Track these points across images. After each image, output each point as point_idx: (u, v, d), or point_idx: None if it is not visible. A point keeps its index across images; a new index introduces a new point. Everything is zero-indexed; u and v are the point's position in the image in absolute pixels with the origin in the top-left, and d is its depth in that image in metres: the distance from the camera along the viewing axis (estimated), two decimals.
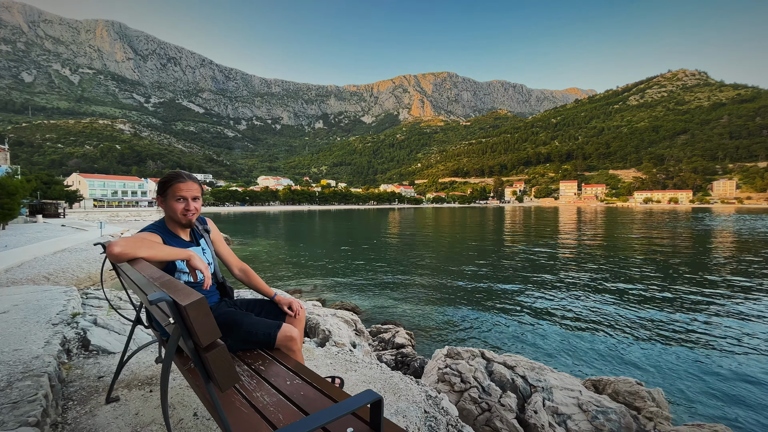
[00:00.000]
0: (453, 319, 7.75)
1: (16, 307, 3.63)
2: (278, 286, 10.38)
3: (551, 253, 17.67)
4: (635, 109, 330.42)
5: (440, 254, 17.88)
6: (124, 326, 3.64)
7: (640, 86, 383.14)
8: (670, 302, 8.74)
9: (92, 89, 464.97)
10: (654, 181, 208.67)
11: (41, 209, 35.89)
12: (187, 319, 1.08)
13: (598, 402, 3.25)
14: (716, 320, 7.42)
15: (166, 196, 1.90)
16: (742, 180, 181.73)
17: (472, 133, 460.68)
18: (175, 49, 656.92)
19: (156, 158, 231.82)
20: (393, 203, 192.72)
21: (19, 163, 70.32)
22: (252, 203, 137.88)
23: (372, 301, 9.20)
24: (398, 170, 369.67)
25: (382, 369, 2.98)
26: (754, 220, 44.40)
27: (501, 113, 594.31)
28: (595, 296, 9.38)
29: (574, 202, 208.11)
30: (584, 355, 5.85)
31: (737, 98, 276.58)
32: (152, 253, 1.64)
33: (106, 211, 61.53)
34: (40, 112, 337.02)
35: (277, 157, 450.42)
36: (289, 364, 1.70)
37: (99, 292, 5.07)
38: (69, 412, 2.05)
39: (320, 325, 4.63)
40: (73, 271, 8.93)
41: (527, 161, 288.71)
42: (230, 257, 2.21)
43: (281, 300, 2.10)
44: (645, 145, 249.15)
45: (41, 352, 2.44)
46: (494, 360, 3.90)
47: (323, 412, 0.99)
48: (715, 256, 16.18)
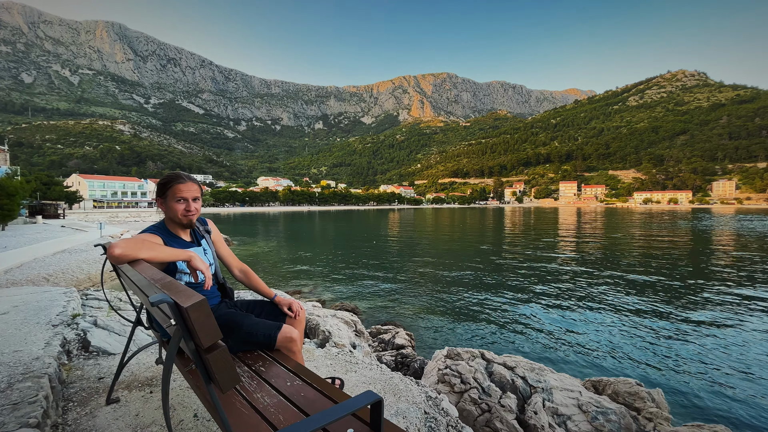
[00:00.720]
0: (453, 319, 7.75)
1: (16, 308, 3.63)
2: (278, 287, 10.38)
3: (551, 253, 17.68)
4: (635, 110, 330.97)
5: (440, 255, 17.88)
6: (124, 327, 3.64)
7: (640, 87, 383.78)
8: (669, 303, 8.75)
9: (92, 90, 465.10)
10: (653, 181, 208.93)
11: (41, 210, 35.86)
12: (188, 320, 1.09)
13: (597, 403, 3.25)
14: (716, 321, 7.42)
15: (166, 197, 1.90)
16: (742, 180, 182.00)
17: (471, 133, 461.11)
18: (175, 50, 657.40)
19: (156, 159, 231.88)
20: (393, 204, 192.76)
21: (18, 164, 70.37)
22: (252, 204, 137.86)
23: (372, 302, 9.20)
24: (398, 171, 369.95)
25: (382, 370, 2.98)
26: (755, 221, 44.43)
27: (500, 114, 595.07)
28: (595, 297, 9.38)
29: (573, 202, 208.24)
30: (584, 356, 5.85)
31: (736, 99, 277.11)
32: (153, 254, 1.64)
33: (105, 212, 61.54)
34: (40, 113, 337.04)
35: (276, 158, 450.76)
36: (290, 365, 1.70)
37: (99, 293, 5.07)
38: (69, 414, 2.05)
39: (320, 326, 4.63)
40: (73, 272, 8.92)
41: (527, 162, 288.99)
42: (231, 258, 2.22)
43: (281, 301, 2.10)
44: (644, 145, 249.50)
45: (41, 353, 2.44)
46: (494, 361, 3.90)
47: (323, 413, 0.99)
48: (714, 257, 16.19)
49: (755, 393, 4.65)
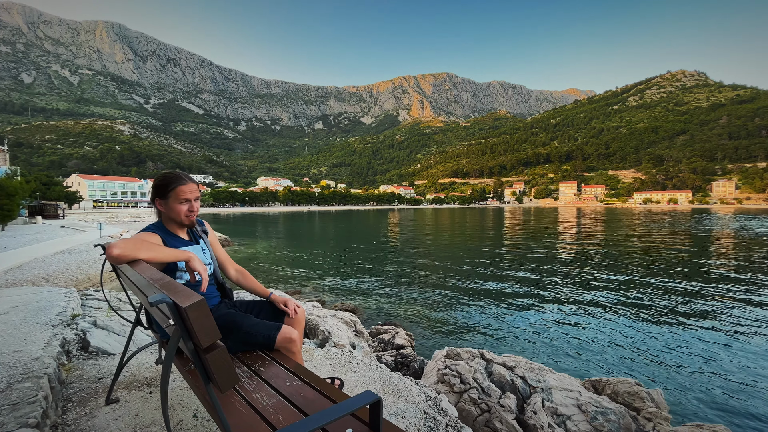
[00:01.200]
0: (453, 319, 7.75)
1: (16, 308, 3.63)
2: (278, 287, 10.37)
3: (551, 254, 17.68)
4: (634, 110, 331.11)
5: (440, 255, 17.88)
6: (123, 327, 3.64)
7: (639, 87, 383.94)
8: (668, 303, 8.75)
9: (92, 90, 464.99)
10: (653, 181, 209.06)
11: (40, 210, 35.79)
12: (187, 320, 1.09)
13: (597, 403, 3.25)
14: (715, 321, 7.42)
15: (167, 198, 1.88)
16: (742, 180, 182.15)
17: (471, 133, 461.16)
18: (175, 50, 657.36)
19: (155, 159, 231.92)
20: (392, 204, 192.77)
21: (18, 164, 70.30)
22: (252, 204, 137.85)
23: (372, 301, 9.20)
24: (398, 171, 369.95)
25: (381, 370, 2.98)
26: (754, 221, 44.43)
27: (500, 114, 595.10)
28: (594, 297, 9.38)
29: (573, 202, 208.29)
30: (583, 356, 5.85)
31: (736, 99, 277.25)
32: (152, 254, 1.64)
33: (105, 212, 61.50)
34: (40, 113, 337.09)
35: (276, 158, 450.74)
36: (289, 365, 1.71)
37: (98, 294, 5.07)
38: (69, 414, 2.05)
39: (320, 326, 4.63)
40: (73, 272, 8.91)
41: (527, 162, 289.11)
42: (226, 259, 2.24)
43: (277, 299, 2.12)
44: (644, 145, 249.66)
45: (41, 353, 2.44)
46: (494, 361, 3.90)
47: (323, 413, 0.99)
48: (714, 257, 16.19)
49: (755, 393, 4.65)
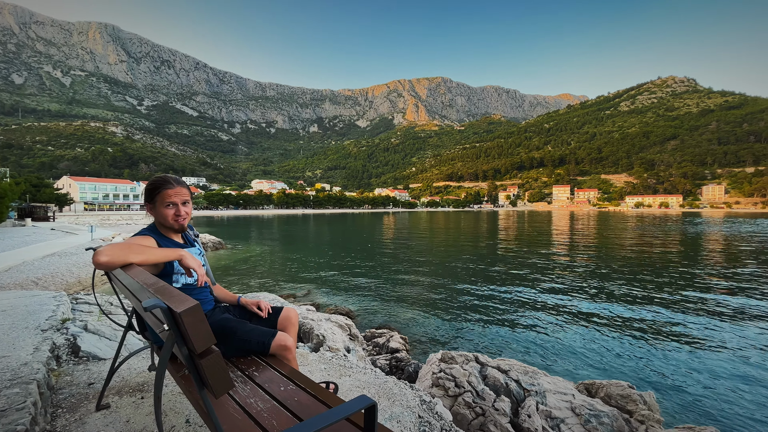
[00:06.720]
0: (447, 323, 7.75)
1: (4, 312, 3.57)
2: (272, 291, 10.32)
3: (545, 257, 17.80)
4: (626, 115, 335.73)
5: (435, 258, 17.91)
6: (115, 332, 3.59)
7: (631, 92, 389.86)
8: (661, 306, 8.84)
9: (84, 91, 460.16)
10: (645, 185, 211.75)
11: (30, 212, 35.27)
12: (182, 325, 1.08)
13: (590, 405, 3.28)
14: (707, 324, 7.52)
15: (155, 203, 1.87)
16: (731, 185, 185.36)
17: (466, 137, 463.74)
18: (169, 51, 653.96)
19: (149, 161, 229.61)
20: (387, 207, 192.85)
21: (8, 166, 69.20)
22: (246, 207, 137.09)
23: (366, 305, 9.18)
24: (393, 174, 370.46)
25: (376, 374, 2.98)
26: (743, 225, 45.17)
27: (495, 118, 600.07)
28: (588, 300, 9.45)
29: (567, 206, 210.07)
30: (577, 359, 5.88)
31: (725, 105, 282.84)
32: (143, 257, 1.61)
33: (97, 215, 60.68)
34: (31, 114, 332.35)
35: (271, 161, 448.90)
36: (283, 370, 1.70)
37: (89, 297, 5.00)
38: (58, 420, 2.02)
39: (314, 330, 4.61)
40: (63, 275, 8.79)
41: (521, 166, 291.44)
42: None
43: (247, 302, 2.13)
44: (636, 150, 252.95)
45: (30, 358, 2.40)
46: (488, 364, 3.91)
47: (317, 418, 0.99)
48: (706, 260, 16.41)
49: (746, 395, 4.71)
